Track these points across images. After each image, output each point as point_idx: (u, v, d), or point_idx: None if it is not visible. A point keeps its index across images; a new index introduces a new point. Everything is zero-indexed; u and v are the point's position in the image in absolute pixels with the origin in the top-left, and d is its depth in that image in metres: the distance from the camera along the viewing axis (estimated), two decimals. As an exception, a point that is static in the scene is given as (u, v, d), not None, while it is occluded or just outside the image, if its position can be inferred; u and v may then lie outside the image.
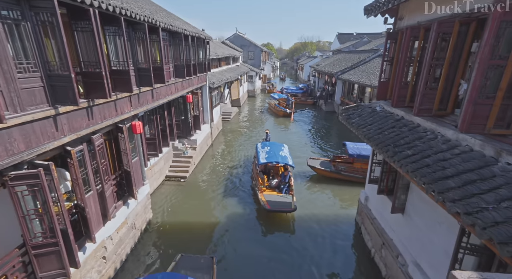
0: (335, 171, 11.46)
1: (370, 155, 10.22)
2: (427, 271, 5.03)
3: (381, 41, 31.54)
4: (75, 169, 5.03)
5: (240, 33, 37.06)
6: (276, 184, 10.05)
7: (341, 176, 11.48)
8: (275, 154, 10.20)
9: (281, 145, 11.35)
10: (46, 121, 4.35)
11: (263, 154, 10.34)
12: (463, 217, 2.91)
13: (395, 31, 6.39)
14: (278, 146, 11.11)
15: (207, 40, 13.70)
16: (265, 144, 11.40)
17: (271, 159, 9.92)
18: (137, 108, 7.56)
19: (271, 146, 11.01)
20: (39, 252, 4.41)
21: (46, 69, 4.22)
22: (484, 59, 3.37)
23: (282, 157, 10.12)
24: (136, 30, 7.07)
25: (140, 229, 8.13)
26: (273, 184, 10.08)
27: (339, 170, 11.41)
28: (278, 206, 8.82)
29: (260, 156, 10.25)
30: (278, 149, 10.76)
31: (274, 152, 10.40)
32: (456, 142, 4.13)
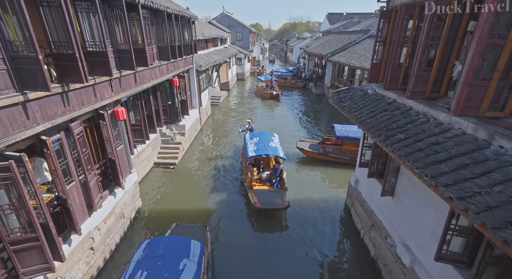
0: (323, 153, 11.62)
1: (357, 137, 10.71)
2: (414, 251, 5.16)
3: (371, 22, 30.95)
4: (53, 160, 4.72)
5: (227, 12, 35.45)
6: (267, 177, 9.44)
7: (328, 158, 11.66)
8: (265, 146, 9.43)
9: (271, 134, 10.70)
10: (14, 108, 3.96)
11: (252, 146, 9.56)
12: (456, 202, 2.87)
13: (388, 10, 6.12)
14: (267, 136, 10.41)
15: (192, 19, 12.95)
16: (253, 134, 10.61)
17: (261, 151, 9.12)
18: (119, 93, 7.13)
19: (260, 136, 10.25)
20: (19, 248, 4.18)
21: (8, 50, 3.78)
22: (482, 38, 3.21)
23: (272, 148, 9.37)
24: (112, 7, 6.48)
25: (130, 218, 7.98)
26: (264, 177, 9.47)
27: (327, 152, 11.55)
28: (270, 203, 8.11)
29: (248, 149, 9.46)
30: (268, 139, 10.02)
31: (263, 143, 9.65)
32: (449, 125, 4.07)
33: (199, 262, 4.62)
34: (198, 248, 4.92)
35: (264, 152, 9.09)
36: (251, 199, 8.29)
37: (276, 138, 10.44)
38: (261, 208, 8.03)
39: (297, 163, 12.01)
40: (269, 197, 8.31)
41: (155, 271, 4.15)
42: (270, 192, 8.59)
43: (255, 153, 9.12)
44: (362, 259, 6.86)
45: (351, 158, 11.12)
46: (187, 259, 4.52)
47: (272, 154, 9.09)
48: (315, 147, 11.98)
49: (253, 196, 8.37)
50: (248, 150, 9.40)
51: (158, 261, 4.36)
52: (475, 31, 3.55)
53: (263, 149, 9.25)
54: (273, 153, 9.10)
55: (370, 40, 21.11)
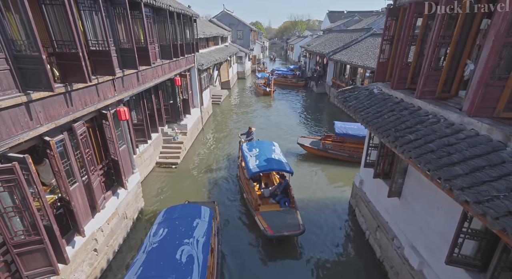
0: (322, 149, 11.78)
1: (356, 134, 11.00)
2: (423, 254, 5.10)
3: (373, 20, 30.81)
4: (56, 161, 4.63)
5: (228, 10, 35.27)
6: (270, 192, 8.33)
7: (328, 154, 11.79)
8: (268, 159, 8.31)
9: (270, 144, 9.60)
10: (17, 109, 3.88)
11: (253, 160, 8.35)
12: (473, 206, 2.79)
13: (396, 7, 6.01)
14: (268, 146, 9.30)
15: (194, 17, 12.83)
16: (251, 145, 9.44)
17: (265, 166, 7.96)
18: (121, 93, 7.04)
19: (259, 147, 9.14)
20: (22, 250, 4.12)
21: (11, 49, 3.69)
22: (499, 37, 3.12)
23: (276, 161, 8.27)
24: (115, 5, 6.38)
25: (132, 219, 7.91)
26: (266, 193, 8.32)
27: (326, 148, 11.72)
28: (282, 228, 6.81)
29: (249, 163, 8.25)
30: (269, 150, 8.90)
31: (265, 155, 8.52)
32: (461, 126, 3.98)
33: (209, 221, 5.55)
34: (208, 212, 5.84)
35: (269, 166, 7.95)
36: (259, 225, 7.05)
37: (277, 147, 9.42)
38: (273, 236, 6.74)
39: (298, 160, 12.05)
40: (280, 221, 7.06)
41: (174, 228, 5.10)
42: (280, 214, 7.35)
43: (258, 168, 7.89)
44: (367, 260, 6.80)
45: (349, 155, 11.39)
46: (199, 219, 5.47)
47: (277, 168, 7.97)
48: (315, 144, 12.15)
49: (261, 220, 7.10)
50: (249, 164, 8.18)
51: (176, 221, 5.31)
52: (489, 29, 3.46)
53: (267, 163, 8.10)
54: (278, 166, 8.00)
55: (372, 39, 20.98)
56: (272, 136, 15.07)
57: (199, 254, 4.57)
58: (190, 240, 4.80)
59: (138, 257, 4.57)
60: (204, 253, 4.64)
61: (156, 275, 4.04)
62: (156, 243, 4.73)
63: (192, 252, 4.56)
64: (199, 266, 4.33)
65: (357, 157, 11.10)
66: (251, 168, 7.99)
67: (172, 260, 4.32)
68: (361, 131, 10.91)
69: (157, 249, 4.59)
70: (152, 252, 4.53)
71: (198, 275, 4.16)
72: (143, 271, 4.16)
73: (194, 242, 4.80)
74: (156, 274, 4.06)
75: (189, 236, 4.89)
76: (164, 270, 4.13)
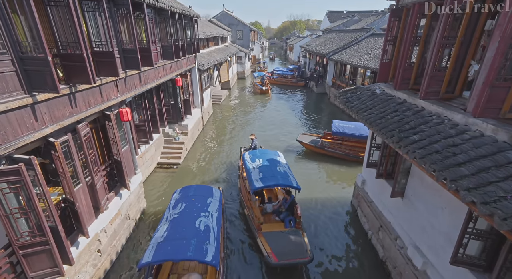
0: (320, 147, 12.10)
1: (353, 133, 11.31)
2: (426, 254, 5.12)
3: (372, 20, 30.86)
4: (61, 162, 4.63)
5: (227, 10, 35.25)
6: (274, 208, 7.57)
7: (325, 152, 12.10)
8: (272, 172, 7.43)
9: (275, 153, 8.79)
10: (23, 110, 3.88)
11: (256, 172, 7.52)
12: (480, 207, 2.81)
13: (399, 8, 6.03)
14: (272, 156, 8.52)
15: (195, 18, 12.83)
16: (254, 154, 8.64)
17: (269, 181, 7.06)
18: (124, 94, 7.03)
19: (262, 157, 8.36)
20: (28, 252, 4.12)
21: (17, 51, 3.69)
22: (505, 38, 3.14)
23: (282, 175, 7.34)
24: (118, 6, 6.38)
25: (135, 219, 7.91)
26: (269, 209, 7.55)
27: (324, 146, 12.06)
28: (288, 254, 6.07)
29: (252, 175, 7.41)
30: (273, 162, 8.09)
31: (269, 167, 7.69)
32: (465, 127, 4.00)
33: (220, 201, 6.56)
34: (218, 192, 6.92)
35: (274, 181, 7.05)
36: (262, 250, 6.24)
37: (282, 158, 8.60)
38: (278, 264, 5.97)
39: (297, 157, 12.26)
40: (285, 244, 6.30)
41: (191, 203, 5.96)
42: (285, 236, 6.55)
43: (262, 183, 7.01)
44: (370, 260, 6.82)
45: (345, 154, 11.71)
46: (211, 198, 6.42)
47: (283, 184, 7.04)
48: (315, 142, 12.48)
49: (263, 243, 6.32)
50: (252, 177, 7.34)
51: (192, 198, 6.22)
52: (494, 30, 3.48)
53: (271, 177, 7.21)
54: (285, 182, 7.07)
55: (372, 39, 21.02)
56: (272, 135, 15.14)
57: (214, 225, 5.50)
58: (206, 214, 5.72)
59: (161, 225, 5.47)
60: (217, 225, 5.60)
61: (181, 237, 4.92)
62: (177, 214, 5.62)
63: (208, 223, 5.45)
64: (214, 234, 5.26)
65: (352, 156, 11.53)
66: (254, 182, 7.10)
67: (193, 228, 5.20)
68: (358, 131, 11.27)
69: (178, 219, 5.49)
70: (174, 221, 5.41)
71: (214, 240, 5.09)
72: (169, 234, 5.01)
73: (209, 216, 5.72)
74: (181, 236, 4.95)
75: (204, 211, 5.82)
76: (187, 234, 5.00)
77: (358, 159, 11.33)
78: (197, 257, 4.54)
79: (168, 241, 4.82)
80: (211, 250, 4.81)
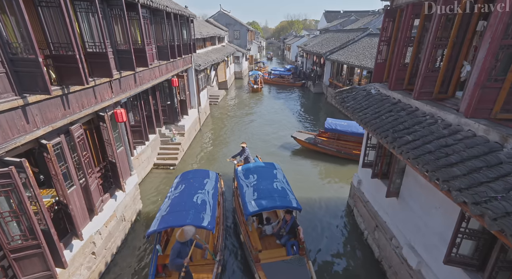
0: (313, 143, 12.48)
1: (345, 130, 11.71)
2: (421, 253, 5.14)
3: (369, 19, 30.97)
4: (53, 164, 4.59)
5: (224, 10, 35.21)
6: (274, 230, 6.68)
7: (317, 148, 12.44)
8: (269, 191, 6.47)
9: (271, 166, 7.70)
10: (13, 112, 3.83)
11: (250, 192, 6.56)
12: (471, 207, 2.82)
13: (393, 9, 6.05)
14: (268, 170, 7.44)
15: (191, 18, 12.79)
16: (248, 169, 7.57)
17: (265, 203, 6.09)
18: (119, 95, 6.99)
19: (257, 172, 7.32)
20: (20, 255, 4.08)
21: (7, 52, 3.64)
22: (496, 39, 3.15)
23: (279, 193, 6.41)
24: (111, 7, 6.33)
25: (130, 221, 7.87)
26: (268, 231, 6.73)
27: (316, 142, 12.41)
28: None
29: (245, 196, 6.47)
30: (269, 177, 7.08)
31: (265, 184, 6.72)
32: (458, 127, 4.02)
33: (216, 181, 7.30)
34: (214, 175, 7.63)
35: (270, 203, 6.09)
36: None
37: (279, 171, 7.54)
38: None
39: (293, 155, 12.46)
40: (287, 275, 5.50)
41: (190, 184, 6.77)
42: (287, 266, 5.68)
43: (257, 206, 6.03)
44: (366, 260, 6.83)
45: (337, 150, 12.02)
46: (208, 179, 7.17)
47: (281, 206, 6.10)
48: (310, 139, 12.73)
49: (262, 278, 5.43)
50: (246, 198, 6.39)
51: (191, 180, 7.00)
52: (486, 31, 3.49)
53: (268, 198, 6.24)
54: (283, 202, 6.14)
55: (369, 38, 21.08)
56: (270, 133, 15.18)
57: (210, 200, 6.29)
58: (203, 191, 6.49)
59: (165, 202, 6.30)
60: (213, 199, 6.38)
61: (181, 210, 5.69)
62: (177, 193, 6.42)
63: (204, 198, 6.25)
64: (210, 206, 6.03)
65: (344, 153, 11.86)
66: (248, 205, 6.15)
67: (191, 202, 5.99)
68: (349, 128, 11.70)
69: (179, 196, 6.27)
70: (175, 198, 6.22)
71: (210, 211, 5.87)
72: (171, 208, 5.84)
73: (206, 192, 6.49)
74: (181, 209, 5.74)
75: (201, 189, 6.58)
76: (186, 207, 5.79)
77: (350, 156, 11.68)
78: (195, 223, 5.31)
79: (170, 213, 5.66)
80: (207, 218, 5.57)
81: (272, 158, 12.27)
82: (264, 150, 13.14)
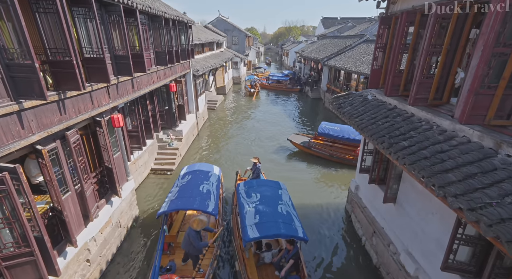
0: (307, 147, 12.73)
1: (337, 135, 12.01)
2: (418, 260, 5.11)
3: (366, 26, 31.37)
4: (48, 170, 4.55)
5: (223, 16, 35.56)
6: (274, 260, 6.08)
7: (311, 151, 12.71)
8: (273, 215, 5.77)
9: (276, 186, 6.99)
10: (8, 118, 3.81)
11: (251, 213, 5.85)
12: (467, 213, 2.82)
13: (388, 16, 6.14)
14: (272, 189, 6.79)
15: (189, 24, 12.89)
16: (251, 186, 6.89)
17: (267, 229, 5.39)
18: (116, 100, 6.99)
19: (261, 191, 6.64)
20: (12, 263, 4.00)
21: (3, 58, 3.64)
22: (488, 47, 3.20)
23: (284, 220, 5.65)
24: (110, 13, 6.38)
25: (126, 227, 7.77)
26: (268, 259, 6.14)
27: (310, 145, 12.68)
28: None
29: (245, 218, 5.75)
30: (274, 198, 6.42)
31: (269, 207, 6.05)
32: (453, 133, 4.05)
33: (218, 174, 8.10)
34: (218, 169, 8.42)
35: (273, 230, 5.36)
36: None
37: (284, 192, 6.85)
38: None
39: (289, 158, 12.51)
40: None
41: (196, 175, 7.57)
42: None
43: (258, 232, 5.34)
44: (364, 266, 6.78)
45: (329, 154, 12.22)
46: (212, 172, 7.96)
47: (285, 234, 5.35)
48: (306, 143, 13.01)
49: None
50: (246, 222, 5.64)
51: (197, 171, 7.83)
52: (478, 39, 3.55)
53: (271, 223, 5.51)
54: (288, 231, 5.41)
55: (366, 45, 21.33)
56: (268, 137, 15.19)
57: (214, 190, 7.03)
58: (208, 182, 7.25)
59: (173, 189, 7.08)
60: (217, 190, 7.14)
61: (189, 196, 6.50)
62: (185, 182, 7.21)
63: (209, 188, 6.99)
64: (214, 196, 6.76)
65: (336, 157, 12.06)
66: (248, 229, 5.42)
67: (198, 190, 6.77)
68: (342, 133, 12.02)
69: (186, 185, 7.04)
70: (183, 186, 6.99)
71: (214, 199, 6.60)
72: (179, 194, 6.61)
73: (210, 184, 7.23)
74: (188, 195, 6.52)
75: (206, 180, 7.35)
76: (193, 194, 6.58)
77: (342, 161, 11.90)
78: (201, 208, 6.12)
79: (179, 198, 6.44)
80: (211, 205, 6.34)
81: (270, 163, 12.27)
82: (262, 154, 13.13)
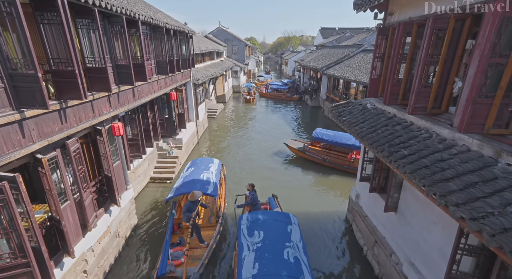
0: (302, 151, 13.16)
1: (331, 140, 12.22)
2: (421, 270, 5.03)
3: (364, 36, 31.91)
4: (48, 179, 4.53)
5: (223, 27, 36.19)
6: None
7: (305, 155, 13.06)
8: (276, 265, 4.52)
9: (285, 218, 5.83)
10: (10, 127, 3.83)
11: (249, 260, 4.64)
12: (469, 223, 2.80)
13: (385, 27, 6.26)
14: (280, 226, 5.54)
15: (190, 34, 13.12)
16: (255, 221, 5.65)
17: None
18: (117, 109, 7.03)
19: (265, 227, 5.43)
20: (7, 275, 3.92)
21: (6, 68, 3.69)
22: (484, 57, 3.26)
23: (289, 271, 4.42)
24: (112, 24, 6.50)
25: (125, 237, 7.67)
26: None
27: (305, 150, 13.09)
28: None
29: (242, 267, 4.55)
30: (280, 239, 5.14)
31: (272, 253, 4.76)
32: (452, 142, 4.06)
33: (219, 165, 9.31)
34: (218, 161, 9.57)
35: None
36: None
37: (295, 229, 5.55)
38: None
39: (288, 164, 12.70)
40: None
41: (197, 167, 8.77)
42: None
43: None
44: (365, 277, 6.66)
45: (322, 159, 12.48)
46: (212, 164, 9.13)
47: None
48: (300, 146, 13.50)
49: None
50: (242, 272, 4.46)
51: (199, 164, 9.03)
52: (474, 49, 3.62)
53: (272, 277, 4.33)
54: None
55: (364, 54, 21.63)
56: (267, 145, 15.17)
57: (213, 177, 8.18)
58: (208, 172, 8.44)
59: (179, 180, 8.24)
60: (216, 178, 8.29)
61: (191, 182, 7.71)
62: (188, 173, 8.36)
63: (209, 176, 8.18)
64: (213, 182, 7.94)
65: (328, 162, 12.32)
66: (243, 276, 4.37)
67: (199, 178, 7.97)
68: (335, 138, 12.26)
69: (189, 176, 8.18)
70: (186, 177, 8.15)
71: (213, 184, 7.81)
72: (183, 182, 7.88)
73: (210, 172, 8.45)
74: (191, 182, 7.74)
75: (207, 170, 8.56)
76: (195, 181, 7.80)
77: (334, 165, 12.18)
78: (202, 190, 7.32)
79: (182, 185, 7.71)
80: (211, 188, 7.58)
81: (269, 170, 12.24)
82: (260, 163, 13.13)
